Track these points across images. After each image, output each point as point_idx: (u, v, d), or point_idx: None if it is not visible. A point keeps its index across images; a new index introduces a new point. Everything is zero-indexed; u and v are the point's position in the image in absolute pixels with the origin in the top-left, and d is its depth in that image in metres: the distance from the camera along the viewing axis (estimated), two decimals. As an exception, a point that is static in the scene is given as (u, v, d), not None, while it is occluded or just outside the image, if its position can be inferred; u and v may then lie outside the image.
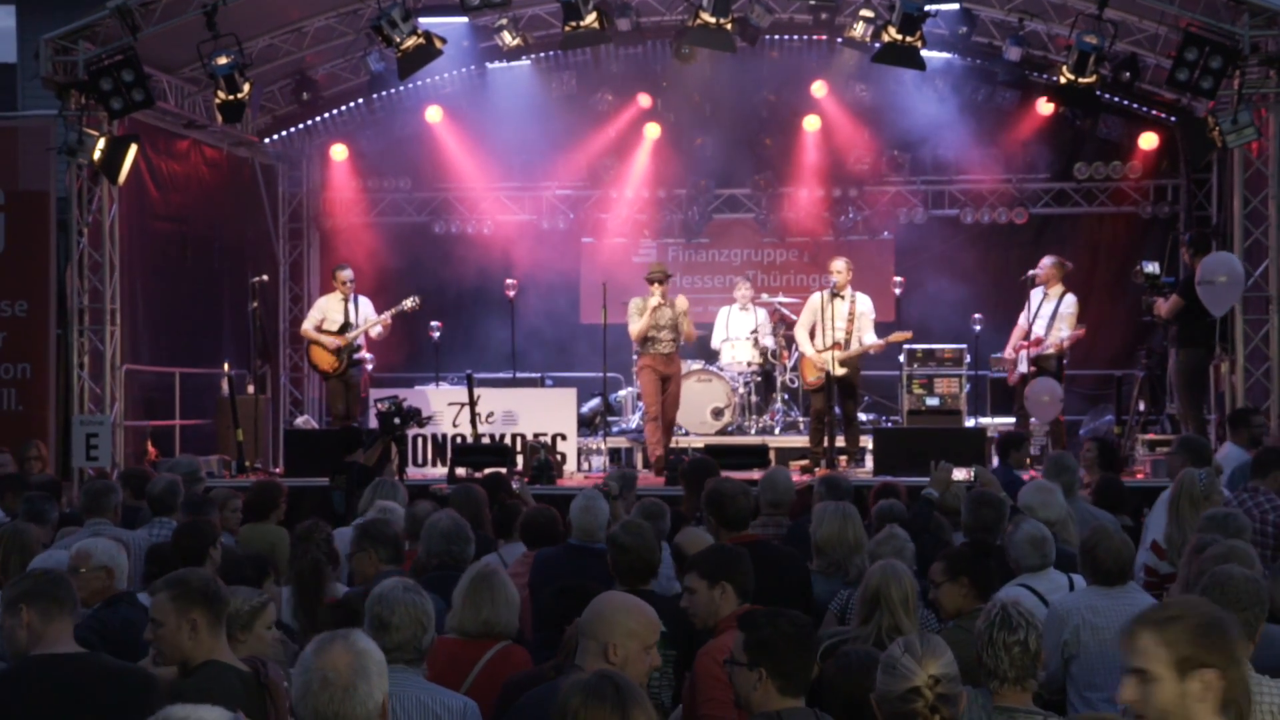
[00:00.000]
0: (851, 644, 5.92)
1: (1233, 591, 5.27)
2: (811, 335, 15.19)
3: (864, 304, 15.17)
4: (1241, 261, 14.61)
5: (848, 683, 4.74)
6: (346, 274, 16.35)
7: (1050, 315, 14.85)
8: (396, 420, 13.20)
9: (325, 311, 16.25)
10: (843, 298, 15.03)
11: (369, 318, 16.17)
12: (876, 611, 5.99)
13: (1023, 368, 14.93)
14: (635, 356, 15.51)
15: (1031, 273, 15.15)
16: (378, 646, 4.00)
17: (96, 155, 14.32)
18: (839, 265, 15.13)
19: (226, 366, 16.40)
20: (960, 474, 8.80)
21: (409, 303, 16.08)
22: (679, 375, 15.26)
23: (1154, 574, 7.74)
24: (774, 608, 4.86)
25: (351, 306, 16.19)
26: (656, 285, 14.86)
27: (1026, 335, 15.04)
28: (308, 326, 16.34)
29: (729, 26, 14.76)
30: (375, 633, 5.01)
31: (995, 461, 12.30)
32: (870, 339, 15.07)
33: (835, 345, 14.85)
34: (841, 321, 14.92)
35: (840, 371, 14.85)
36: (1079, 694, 6.46)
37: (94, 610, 6.58)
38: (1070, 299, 14.97)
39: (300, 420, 18.29)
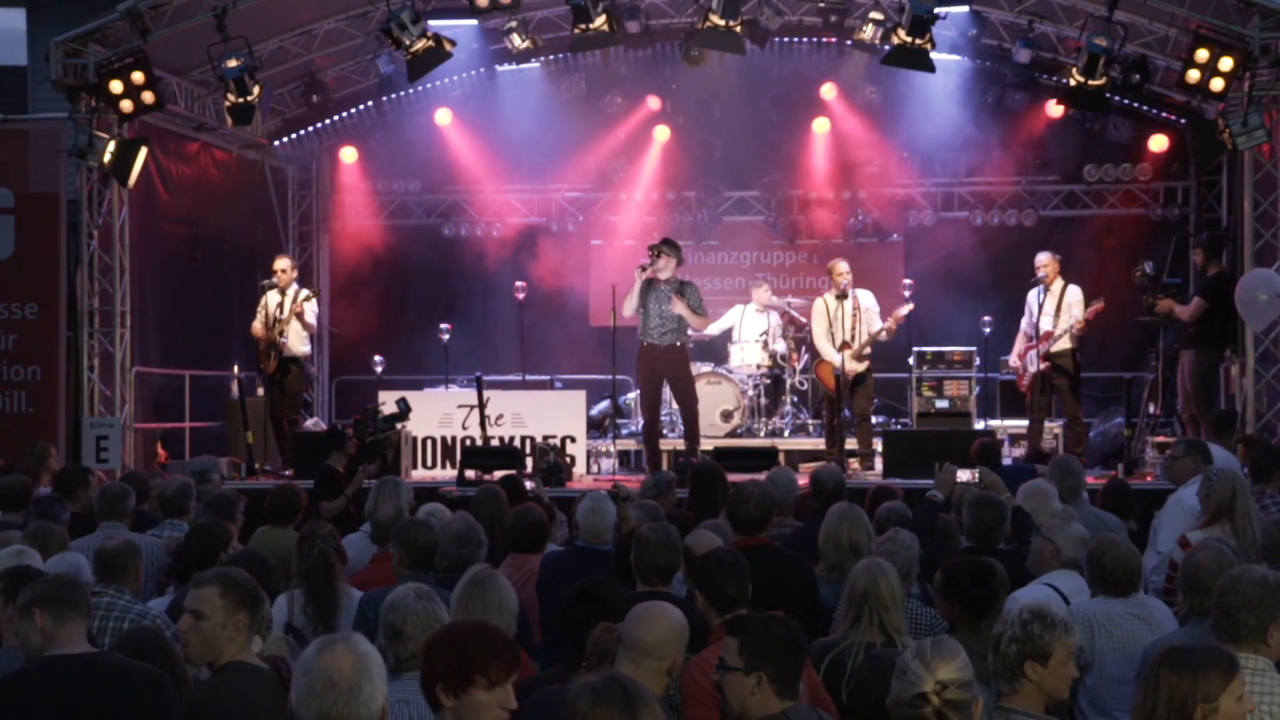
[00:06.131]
0: (845, 648, 5.91)
1: (1243, 593, 5.25)
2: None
3: (866, 299, 15.27)
4: (1239, 269, 14.63)
5: (879, 684, 4.71)
6: (281, 263, 15.71)
7: (1055, 310, 14.80)
8: (370, 429, 13.05)
9: (265, 307, 15.64)
10: (847, 297, 15.10)
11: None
12: (865, 611, 5.95)
13: (1033, 367, 14.87)
14: None
15: (1041, 273, 15.04)
16: (377, 650, 4.00)
17: (107, 158, 14.36)
18: (844, 267, 15.20)
19: (236, 369, 16.39)
20: (964, 475, 8.76)
21: (303, 294, 15.60)
22: (679, 371, 14.52)
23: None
24: (763, 612, 4.84)
25: (288, 300, 15.53)
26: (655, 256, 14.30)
27: (1032, 337, 15.01)
28: (255, 324, 15.76)
29: (738, 29, 14.76)
30: (389, 642, 4.99)
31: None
32: (875, 325, 15.08)
33: (845, 345, 14.89)
34: (848, 320, 14.97)
35: (858, 368, 14.91)
36: (1091, 703, 6.44)
37: None
38: (1074, 289, 14.93)
39: (309, 422, 18.26)
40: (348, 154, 19.50)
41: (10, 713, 4.79)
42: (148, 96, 14.29)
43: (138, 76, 14.19)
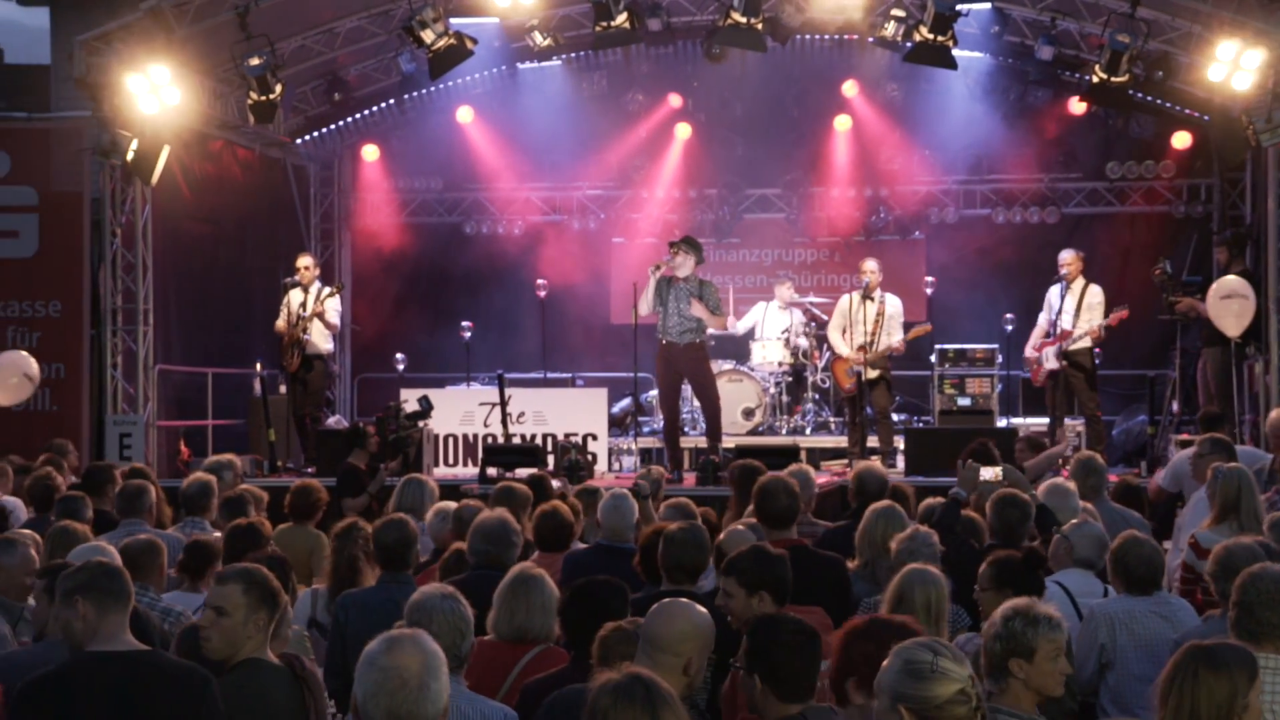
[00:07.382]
0: None
1: (1264, 590, 5.22)
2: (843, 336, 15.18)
3: (893, 305, 15.11)
4: (1263, 267, 14.55)
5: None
6: (303, 261, 15.80)
7: (1075, 308, 14.68)
8: (393, 427, 13.09)
9: (288, 304, 15.72)
10: (872, 299, 14.98)
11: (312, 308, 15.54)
12: None
13: (1051, 364, 14.76)
14: None
15: (1064, 270, 14.95)
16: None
17: (129, 156, 14.40)
18: (871, 266, 15.09)
19: (259, 366, 16.41)
20: (987, 474, 8.72)
21: (325, 291, 15.60)
22: (698, 369, 14.41)
23: (1191, 571, 7.65)
24: (780, 614, 4.82)
25: (310, 298, 15.58)
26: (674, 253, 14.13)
27: (1048, 333, 14.92)
28: (278, 322, 15.81)
29: (759, 26, 14.73)
30: None
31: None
32: (893, 339, 14.96)
33: (861, 349, 14.81)
34: (869, 324, 14.87)
35: (871, 374, 14.81)
36: (1113, 700, 6.41)
37: None
38: (1096, 289, 14.80)
39: (331, 420, 18.30)
40: (369, 152, 19.56)
41: (58, 708, 4.77)
42: (170, 95, 14.34)
43: (160, 75, 14.23)
